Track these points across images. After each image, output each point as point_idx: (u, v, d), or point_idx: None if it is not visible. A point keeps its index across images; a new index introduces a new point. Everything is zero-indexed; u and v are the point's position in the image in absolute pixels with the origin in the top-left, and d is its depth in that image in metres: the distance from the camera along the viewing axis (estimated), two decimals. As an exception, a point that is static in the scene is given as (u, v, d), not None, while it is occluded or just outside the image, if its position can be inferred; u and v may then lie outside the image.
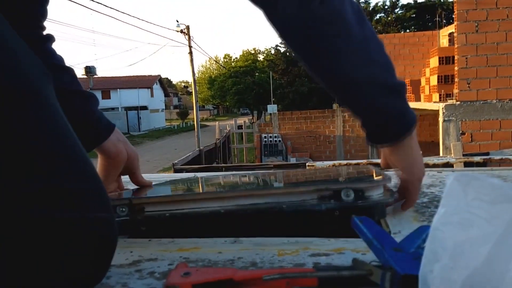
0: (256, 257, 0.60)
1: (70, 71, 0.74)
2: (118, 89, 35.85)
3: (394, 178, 0.76)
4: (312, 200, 0.65)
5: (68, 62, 0.70)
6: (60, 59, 0.74)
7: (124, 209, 0.68)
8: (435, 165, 1.34)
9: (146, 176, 0.83)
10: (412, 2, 21.89)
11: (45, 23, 0.74)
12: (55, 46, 0.75)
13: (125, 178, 0.81)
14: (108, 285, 0.53)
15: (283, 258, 0.59)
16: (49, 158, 0.44)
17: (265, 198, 0.66)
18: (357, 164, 1.40)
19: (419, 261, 0.44)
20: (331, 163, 1.40)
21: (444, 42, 10.74)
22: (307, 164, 1.45)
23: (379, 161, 1.56)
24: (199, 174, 1.12)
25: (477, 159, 1.35)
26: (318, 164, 1.40)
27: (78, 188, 0.46)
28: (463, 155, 4.56)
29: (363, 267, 0.46)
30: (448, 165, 1.46)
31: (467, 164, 1.72)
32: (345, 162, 1.39)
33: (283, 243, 0.64)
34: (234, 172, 1.29)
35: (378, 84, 0.64)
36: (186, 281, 0.47)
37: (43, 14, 0.72)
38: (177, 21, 16.45)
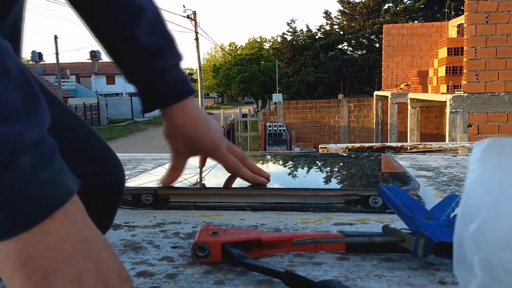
0: (279, 224, 0.60)
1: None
2: (122, 75, 35.47)
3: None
4: (339, 204, 0.65)
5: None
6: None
7: (148, 198, 0.68)
8: (451, 149, 1.33)
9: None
10: (421, -8, 21.64)
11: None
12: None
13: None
14: (135, 242, 0.53)
15: (306, 225, 0.59)
16: None
17: (292, 198, 0.67)
18: (371, 147, 1.39)
19: (452, 228, 0.44)
20: (344, 146, 1.39)
21: (452, 33, 10.63)
22: (320, 146, 1.44)
23: (393, 144, 1.55)
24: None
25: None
26: (331, 146, 1.39)
27: None
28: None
29: (395, 234, 0.46)
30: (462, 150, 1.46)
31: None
32: (358, 145, 1.39)
33: (305, 214, 0.64)
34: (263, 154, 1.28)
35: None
36: (215, 240, 0.47)
37: None
38: (184, 6, 16.32)
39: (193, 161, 0.71)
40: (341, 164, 0.90)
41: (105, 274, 0.32)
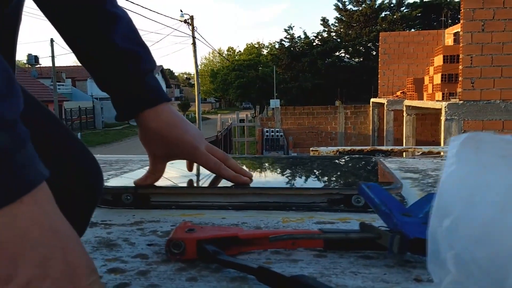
0: (261, 222, 0.59)
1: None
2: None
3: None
4: (322, 203, 0.64)
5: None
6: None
7: (129, 197, 0.67)
8: (438, 153, 1.33)
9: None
10: (418, 1, 21.79)
11: None
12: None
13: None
14: (109, 239, 0.52)
15: (287, 224, 0.58)
16: None
17: (275, 197, 0.66)
18: (361, 150, 1.39)
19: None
20: (335, 148, 1.39)
21: (449, 41, 10.70)
22: (310, 149, 1.44)
23: (383, 148, 1.55)
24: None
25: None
26: (322, 149, 1.39)
27: None
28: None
29: (372, 231, 0.45)
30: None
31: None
32: (349, 148, 1.38)
33: (288, 212, 0.63)
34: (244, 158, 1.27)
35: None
36: (191, 237, 0.46)
37: None
38: (181, 11, 16.38)
39: (178, 162, 0.70)
40: (327, 165, 0.90)
41: (72, 264, 0.31)
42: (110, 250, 0.49)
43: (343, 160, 0.94)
